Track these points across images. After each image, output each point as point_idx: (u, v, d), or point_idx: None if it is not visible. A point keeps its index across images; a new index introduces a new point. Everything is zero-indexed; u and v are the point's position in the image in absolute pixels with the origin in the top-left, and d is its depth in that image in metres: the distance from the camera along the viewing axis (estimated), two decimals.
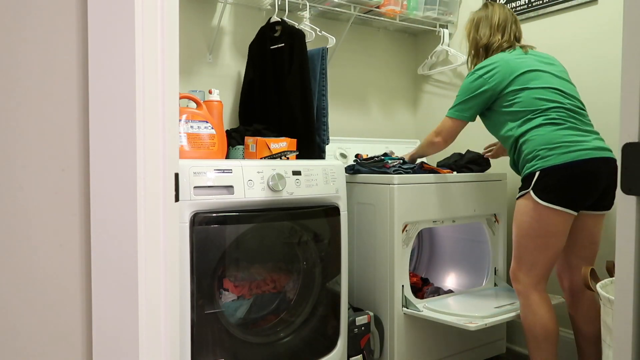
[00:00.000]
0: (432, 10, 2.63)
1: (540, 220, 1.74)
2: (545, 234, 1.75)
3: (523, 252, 1.81)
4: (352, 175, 2.17)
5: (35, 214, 0.97)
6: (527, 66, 1.85)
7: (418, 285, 2.34)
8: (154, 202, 0.96)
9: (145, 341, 0.96)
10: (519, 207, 1.81)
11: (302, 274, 1.87)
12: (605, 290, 1.54)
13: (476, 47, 2.03)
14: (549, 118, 1.76)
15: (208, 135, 1.85)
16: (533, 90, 1.81)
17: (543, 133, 1.75)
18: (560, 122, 1.75)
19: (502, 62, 1.87)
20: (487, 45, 1.99)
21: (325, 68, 2.19)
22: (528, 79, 1.83)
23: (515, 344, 2.43)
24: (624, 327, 0.81)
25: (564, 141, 1.72)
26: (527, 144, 1.79)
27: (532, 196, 1.74)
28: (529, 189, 1.75)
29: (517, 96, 1.83)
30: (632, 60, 0.80)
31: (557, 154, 1.71)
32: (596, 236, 1.85)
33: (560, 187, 1.71)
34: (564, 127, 1.74)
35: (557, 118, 1.76)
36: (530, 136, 1.78)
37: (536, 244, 1.77)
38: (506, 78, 1.85)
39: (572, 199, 1.72)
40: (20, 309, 0.98)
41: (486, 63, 1.91)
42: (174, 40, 1.01)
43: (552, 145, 1.72)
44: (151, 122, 0.95)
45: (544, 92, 1.80)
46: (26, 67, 0.97)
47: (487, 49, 2.00)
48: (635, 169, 0.79)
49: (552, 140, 1.73)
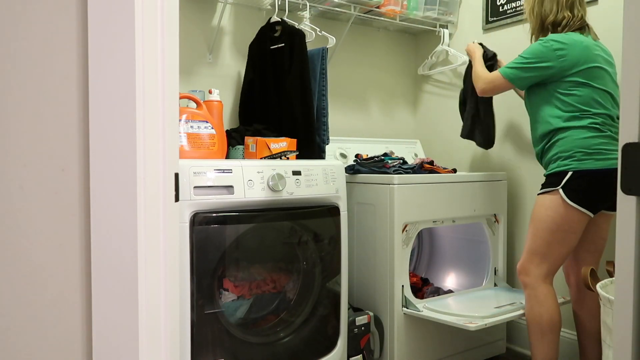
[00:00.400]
0: (432, 10, 2.63)
1: (565, 217, 1.77)
2: (565, 230, 1.79)
3: (539, 244, 1.83)
4: (352, 175, 2.17)
5: (35, 214, 0.97)
6: (597, 61, 1.80)
7: (418, 285, 2.34)
8: (154, 202, 0.96)
9: (145, 341, 0.96)
10: (544, 201, 1.82)
11: (302, 274, 1.87)
12: (605, 290, 1.54)
13: (542, 23, 1.91)
14: (595, 122, 1.77)
15: (208, 135, 1.85)
16: (594, 89, 1.78)
17: (584, 136, 1.76)
18: (603, 129, 1.77)
19: (578, 46, 1.79)
20: (554, 22, 1.88)
21: (325, 68, 2.19)
22: (594, 76, 1.79)
23: (515, 344, 2.43)
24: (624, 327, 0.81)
25: (601, 148, 1.75)
26: (565, 141, 1.79)
27: (560, 194, 1.77)
28: (557, 187, 1.78)
29: (578, 89, 1.79)
30: (632, 61, 0.80)
31: (593, 159, 1.74)
32: (605, 232, 1.91)
33: (589, 191, 1.76)
34: (604, 135, 1.77)
35: (602, 124, 1.77)
36: (571, 134, 1.78)
37: (554, 237, 1.80)
38: (576, 65, 1.78)
39: (596, 203, 1.77)
40: (20, 309, 0.98)
41: (563, 39, 1.80)
42: (174, 40, 1.01)
43: (590, 150, 1.75)
44: (151, 122, 0.95)
45: (601, 95, 1.79)
46: (26, 67, 0.97)
47: (554, 25, 1.89)
48: (635, 169, 0.79)
49: (590, 145, 1.75)
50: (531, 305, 1.85)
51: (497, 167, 2.53)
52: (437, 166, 2.23)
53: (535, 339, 1.84)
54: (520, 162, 2.44)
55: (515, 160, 2.46)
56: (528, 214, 2.40)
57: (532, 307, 1.85)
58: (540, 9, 1.91)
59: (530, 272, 1.85)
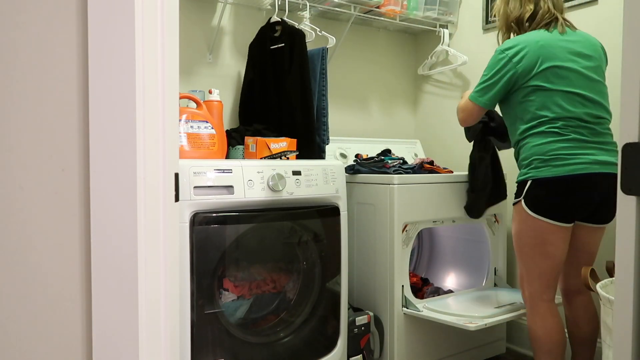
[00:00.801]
0: (432, 10, 2.63)
1: (535, 230, 1.70)
2: (542, 243, 1.70)
3: (525, 259, 1.76)
4: (352, 175, 2.17)
5: (35, 214, 0.97)
6: (558, 59, 1.68)
7: (418, 285, 2.34)
8: (154, 202, 0.96)
9: (145, 341, 0.96)
10: (515, 214, 1.78)
11: (302, 274, 1.87)
12: (605, 290, 1.54)
13: (507, 22, 1.83)
14: (553, 127, 1.67)
15: (208, 135, 1.85)
16: (553, 92, 1.68)
17: (541, 142, 1.68)
18: (564, 133, 1.66)
19: (533, 46, 1.69)
20: (518, 19, 1.79)
21: (325, 68, 2.19)
22: (554, 76, 1.68)
23: (515, 344, 2.43)
24: (624, 327, 0.81)
25: (561, 154, 1.64)
26: (525, 149, 1.73)
27: (523, 206, 1.71)
28: (521, 197, 1.72)
29: (534, 94, 1.70)
30: (632, 60, 0.80)
31: (550, 166, 1.65)
32: (592, 247, 1.79)
33: (550, 201, 1.67)
34: (565, 139, 1.65)
35: (562, 128, 1.66)
36: (530, 142, 1.71)
37: (534, 252, 1.72)
38: (533, 68, 1.68)
39: (562, 213, 1.68)
40: (20, 309, 0.98)
41: (515, 42, 1.72)
42: (174, 40, 1.01)
43: (547, 156, 1.66)
44: (151, 122, 0.95)
45: (562, 97, 1.67)
46: (26, 67, 0.97)
47: (518, 23, 1.79)
48: (635, 169, 0.79)
49: (548, 152, 1.66)
50: (532, 322, 1.77)
51: None
52: (437, 166, 2.23)
53: (539, 355, 1.77)
54: None
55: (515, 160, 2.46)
56: None
57: (531, 325, 1.78)
58: (506, 9, 1.83)
59: (524, 289, 1.79)
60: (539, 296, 1.75)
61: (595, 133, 1.68)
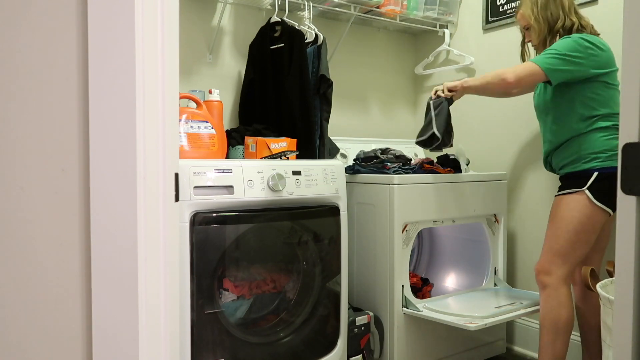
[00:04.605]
0: (432, 10, 2.63)
1: (591, 218, 1.77)
2: (589, 230, 1.79)
3: (562, 245, 1.82)
4: (352, 175, 2.17)
5: (35, 214, 0.97)
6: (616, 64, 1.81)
7: (418, 285, 2.34)
8: (154, 202, 0.96)
9: (145, 341, 0.96)
10: (568, 203, 1.81)
11: (302, 274, 1.87)
12: (605, 290, 1.54)
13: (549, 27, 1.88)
14: (616, 124, 1.76)
15: (208, 135, 1.85)
16: (615, 91, 1.80)
17: (607, 137, 1.77)
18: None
19: (605, 47, 1.80)
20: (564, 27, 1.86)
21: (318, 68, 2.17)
22: (615, 77, 1.80)
23: (515, 344, 2.43)
24: (624, 327, 0.81)
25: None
26: (585, 142, 1.80)
27: (587, 195, 1.77)
28: (583, 188, 1.78)
29: (603, 91, 1.79)
30: (632, 61, 0.80)
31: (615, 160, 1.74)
32: (608, 230, 1.92)
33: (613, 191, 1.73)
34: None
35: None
36: (593, 136, 1.79)
37: (579, 238, 1.80)
38: (604, 67, 1.78)
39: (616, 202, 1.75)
40: (20, 309, 0.98)
41: (593, 40, 1.78)
42: (174, 40, 1.01)
43: (614, 151, 1.75)
44: (151, 122, 0.95)
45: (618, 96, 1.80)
46: (26, 67, 0.97)
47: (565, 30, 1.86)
48: (635, 169, 0.79)
49: (614, 147, 1.75)
50: (551, 306, 1.83)
51: (497, 167, 2.53)
52: (437, 166, 2.23)
53: (549, 339, 1.82)
54: (520, 162, 2.44)
55: (515, 160, 2.46)
56: (528, 214, 2.40)
57: (552, 308, 1.83)
58: (546, 14, 1.88)
59: (552, 272, 1.83)
60: (565, 280, 1.83)
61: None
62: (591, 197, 1.76)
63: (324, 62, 2.16)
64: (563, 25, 1.87)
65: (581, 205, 1.78)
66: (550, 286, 1.84)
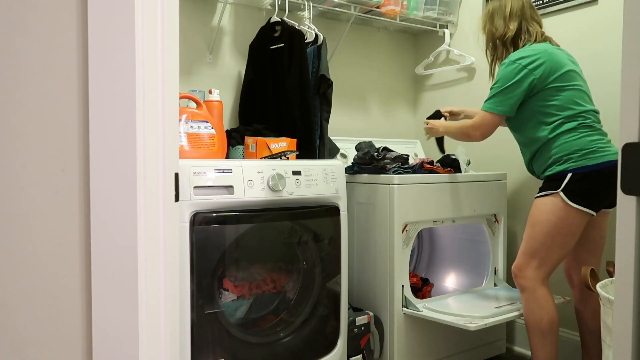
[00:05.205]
0: (432, 10, 2.63)
1: (566, 220, 1.77)
2: (566, 233, 1.78)
3: (538, 248, 1.82)
4: (352, 175, 2.16)
5: (35, 214, 0.97)
6: (564, 64, 1.82)
7: (418, 285, 2.34)
8: (154, 202, 0.96)
9: (145, 341, 0.96)
10: (544, 205, 1.81)
11: (302, 274, 1.87)
12: (605, 290, 1.54)
13: (492, 39, 1.96)
14: (582, 123, 1.78)
15: (208, 135, 1.85)
16: (572, 91, 1.80)
17: (577, 137, 1.77)
18: (592, 127, 1.78)
19: (546, 54, 1.81)
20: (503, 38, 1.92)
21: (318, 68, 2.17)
22: (569, 78, 1.81)
23: (515, 344, 2.43)
24: (624, 327, 0.81)
25: (595, 146, 1.75)
26: (557, 145, 1.80)
27: (561, 197, 1.76)
28: (557, 190, 1.77)
29: (558, 95, 1.80)
30: (632, 60, 0.80)
31: (588, 158, 1.74)
32: (604, 231, 1.90)
33: (590, 191, 1.75)
34: (594, 132, 1.78)
35: (589, 123, 1.78)
36: (563, 138, 1.79)
37: (555, 241, 1.80)
38: (552, 72, 1.80)
39: (597, 202, 1.76)
40: (20, 309, 0.98)
41: (528, 53, 1.82)
42: (174, 40, 1.01)
43: (585, 150, 1.75)
44: (151, 122, 0.95)
45: (579, 95, 1.80)
46: (26, 67, 0.97)
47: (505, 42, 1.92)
48: (635, 169, 0.79)
49: (585, 146, 1.75)
50: (531, 308, 1.84)
51: (497, 167, 2.53)
52: (437, 166, 2.23)
53: (537, 341, 1.83)
54: (520, 162, 2.43)
55: (515, 160, 2.46)
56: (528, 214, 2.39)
57: (532, 310, 1.84)
58: (491, 26, 1.96)
59: (527, 275, 1.84)
60: (542, 281, 1.83)
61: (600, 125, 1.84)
62: (566, 198, 1.75)
63: (324, 62, 2.15)
64: (502, 35, 1.92)
65: (556, 208, 1.77)
66: (527, 289, 1.85)
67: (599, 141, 1.77)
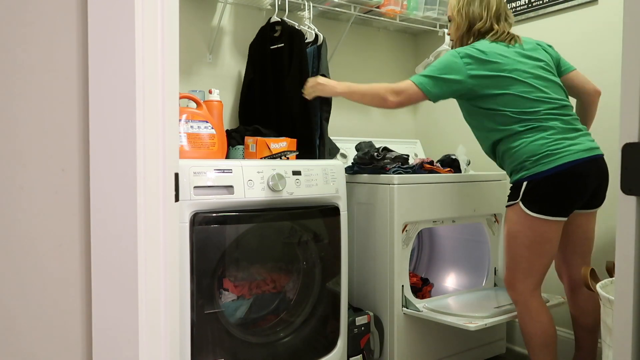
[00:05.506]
0: (432, 10, 2.63)
1: (533, 229, 1.71)
2: (540, 241, 1.72)
3: (518, 260, 1.77)
4: (352, 175, 2.16)
5: (35, 214, 0.97)
6: (511, 66, 1.73)
7: (418, 285, 2.34)
8: (154, 202, 0.96)
9: (145, 341, 0.96)
10: (510, 216, 1.78)
11: (302, 274, 1.87)
12: (605, 290, 1.54)
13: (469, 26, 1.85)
14: (531, 127, 1.70)
15: (208, 135, 1.85)
16: (515, 97, 1.71)
17: (528, 142, 1.70)
18: (546, 127, 1.69)
19: (491, 55, 1.73)
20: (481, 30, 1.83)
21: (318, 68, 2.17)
22: (511, 82, 1.72)
23: (515, 344, 2.43)
24: (624, 327, 0.81)
25: (550, 149, 1.66)
26: (510, 154, 1.75)
27: (521, 207, 1.71)
28: (517, 200, 1.73)
29: (498, 99, 1.73)
30: (632, 61, 0.80)
31: (541, 163, 1.66)
32: (590, 232, 1.84)
33: (549, 197, 1.68)
34: (550, 133, 1.68)
35: (540, 125, 1.69)
36: (512, 146, 1.73)
37: (531, 251, 1.74)
38: (488, 76, 1.72)
39: (562, 206, 1.69)
40: (20, 309, 0.98)
41: (475, 49, 1.75)
42: (174, 40, 1.01)
43: (538, 155, 1.67)
44: (151, 122, 0.95)
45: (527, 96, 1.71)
46: (26, 67, 0.97)
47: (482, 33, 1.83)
48: (635, 169, 0.79)
49: (537, 151, 1.67)
50: (524, 321, 1.81)
51: (497, 167, 2.52)
52: (437, 166, 2.23)
53: (534, 352, 1.80)
54: None
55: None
56: None
57: (526, 323, 1.80)
58: (469, 10, 1.85)
59: (516, 288, 1.80)
60: (531, 293, 1.78)
61: (569, 121, 1.73)
62: (525, 208, 1.69)
63: (324, 62, 2.15)
64: (482, 27, 1.83)
65: (521, 218, 1.72)
66: (519, 301, 1.81)
67: (553, 143, 1.66)
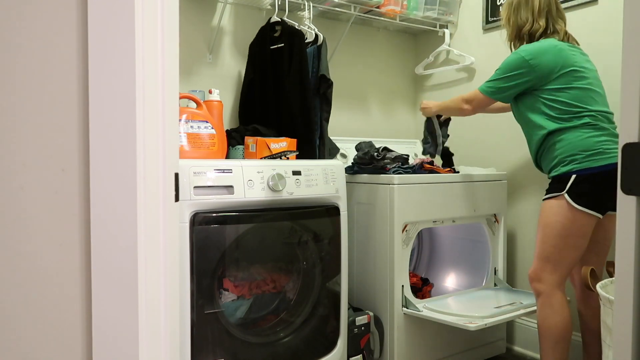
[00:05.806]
0: (432, 10, 2.63)
1: (574, 222, 1.75)
2: (576, 234, 1.76)
3: (552, 251, 1.80)
4: (352, 175, 2.16)
5: (35, 214, 0.97)
6: (577, 63, 1.80)
7: (418, 285, 2.34)
8: (154, 202, 0.96)
9: (145, 341, 0.96)
10: (551, 207, 1.80)
11: (302, 274, 1.87)
12: (605, 290, 1.54)
13: (518, 31, 1.94)
14: (589, 123, 1.75)
15: (208, 135, 1.85)
16: (579, 90, 1.78)
17: (582, 137, 1.75)
18: (600, 127, 1.75)
19: (551, 51, 1.80)
20: (530, 32, 1.90)
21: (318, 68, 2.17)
22: (576, 78, 1.79)
23: (515, 344, 2.43)
24: (624, 327, 0.81)
25: (603, 147, 1.73)
26: (563, 145, 1.78)
27: (566, 199, 1.75)
28: (562, 192, 1.75)
29: (562, 93, 1.78)
30: (632, 61, 0.80)
31: (593, 159, 1.72)
32: (610, 232, 1.88)
33: (595, 193, 1.73)
34: (600, 133, 1.75)
35: (596, 123, 1.75)
36: (568, 137, 1.77)
37: (566, 243, 1.77)
38: (554, 70, 1.79)
39: (603, 204, 1.74)
40: (20, 309, 0.98)
41: (534, 47, 1.82)
42: (174, 40, 1.01)
43: (590, 151, 1.73)
44: (151, 122, 0.95)
45: (588, 94, 1.78)
46: (26, 67, 0.97)
47: (530, 34, 1.90)
48: (635, 169, 0.79)
49: (591, 147, 1.73)
50: (545, 314, 1.81)
51: (497, 167, 2.53)
52: (437, 166, 2.23)
53: (548, 346, 1.81)
54: (520, 161, 2.44)
55: (515, 160, 2.46)
56: (528, 214, 2.40)
57: (547, 316, 1.81)
58: (516, 18, 1.93)
59: (543, 279, 1.82)
60: (558, 286, 1.81)
61: (614, 129, 1.81)
62: (570, 200, 1.73)
63: (324, 62, 2.15)
64: (530, 29, 1.90)
65: (563, 210, 1.75)
66: (543, 293, 1.83)
67: (606, 142, 1.74)
